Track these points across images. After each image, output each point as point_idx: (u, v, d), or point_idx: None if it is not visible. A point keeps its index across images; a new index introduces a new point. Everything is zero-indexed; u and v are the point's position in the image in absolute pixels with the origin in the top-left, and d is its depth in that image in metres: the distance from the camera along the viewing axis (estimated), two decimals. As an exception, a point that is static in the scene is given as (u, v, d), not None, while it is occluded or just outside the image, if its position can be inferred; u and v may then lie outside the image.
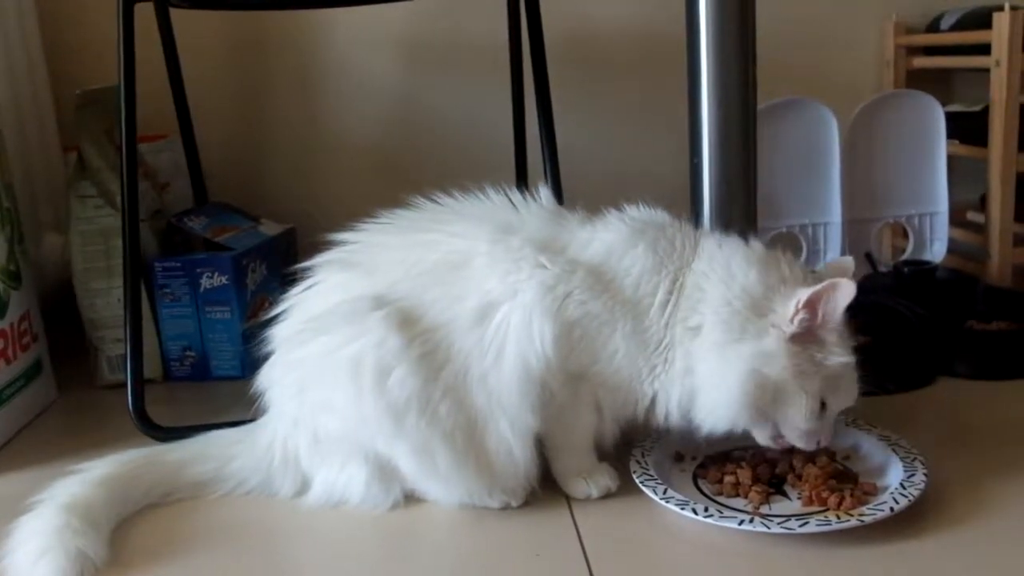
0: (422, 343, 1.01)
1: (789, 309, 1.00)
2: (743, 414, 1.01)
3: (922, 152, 1.69)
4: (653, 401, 1.05)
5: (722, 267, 1.03)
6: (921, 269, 1.59)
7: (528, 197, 1.10)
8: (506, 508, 1.06)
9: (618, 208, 1.10)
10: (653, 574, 0.95)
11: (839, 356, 1.01)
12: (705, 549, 0.98)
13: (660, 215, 1.10)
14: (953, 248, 1.74)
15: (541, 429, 1.04)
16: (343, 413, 1.03)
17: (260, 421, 1.14)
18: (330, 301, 1.06)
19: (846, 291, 0.99)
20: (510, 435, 1.02)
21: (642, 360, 1.03)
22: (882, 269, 1.70)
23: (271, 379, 1.11)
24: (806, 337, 1.00)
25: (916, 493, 1.00)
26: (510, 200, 1.10)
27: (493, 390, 1.01)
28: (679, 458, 1.14)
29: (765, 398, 1.00)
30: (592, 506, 1.07)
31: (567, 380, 1.03)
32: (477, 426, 1.02)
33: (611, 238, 1.05)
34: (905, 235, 1.75)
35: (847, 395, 1.03)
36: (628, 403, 1.05)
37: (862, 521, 0.96)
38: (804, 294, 0.99)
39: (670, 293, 1.03)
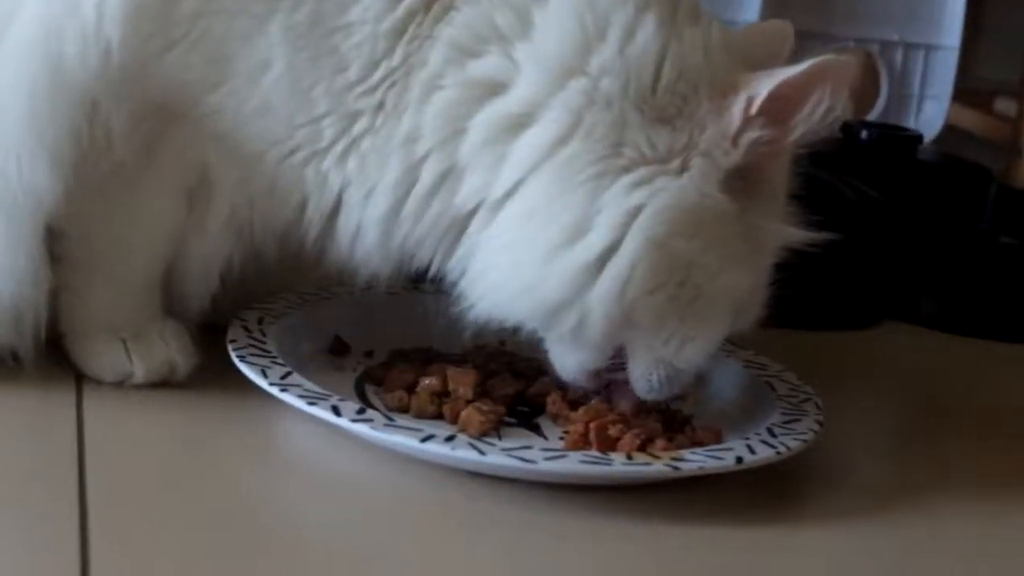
0: None
1: (733, 115, 0.50)
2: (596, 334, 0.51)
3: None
4: (338, 204, 0.53)
5: None
6: (893, 136, 0.88)
7: None
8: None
9: None
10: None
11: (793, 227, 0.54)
12: (349, 485, 0.49)
13: None
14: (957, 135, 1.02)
15: (61, 215, 0.50)
16: None
17: None
18: None
19: (842, 76, 0.50)
20: None
21: (326, 99, 0.51)
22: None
23: None
24: (750, 177, 0.52)
25: (793, 444, 0.51)
26: None
27: None
28: (340, 348, 0.60)
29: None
30: (131, 398, 0.52)
31: (146, 110, 0.51)
32: None
33: None
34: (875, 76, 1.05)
35: (753, 311, 0.56)
36: (284, 199, 0.53)
37: (675, 468, 0.48)
38: (765, 85, 0.50)
39: None
